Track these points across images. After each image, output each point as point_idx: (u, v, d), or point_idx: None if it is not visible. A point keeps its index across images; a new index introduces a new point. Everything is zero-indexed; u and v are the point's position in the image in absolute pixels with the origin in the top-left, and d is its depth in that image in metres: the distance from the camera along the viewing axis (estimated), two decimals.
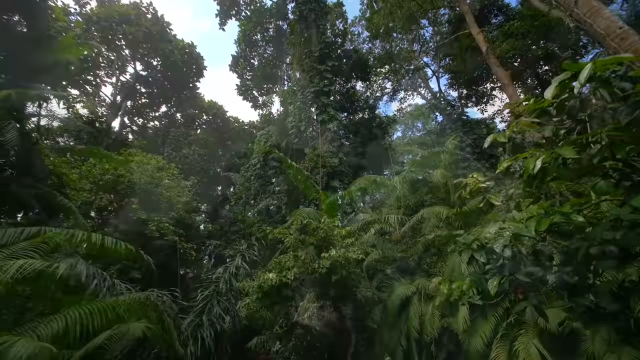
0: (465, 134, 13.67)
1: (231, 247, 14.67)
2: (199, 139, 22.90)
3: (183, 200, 15.23)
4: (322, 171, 11.69)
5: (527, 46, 15.72)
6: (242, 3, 23.46)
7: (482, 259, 2.50)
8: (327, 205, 7.75)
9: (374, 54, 27.26)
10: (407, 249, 8.45)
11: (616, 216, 2.27)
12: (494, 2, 19.13)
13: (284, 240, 6.00)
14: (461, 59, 17.51)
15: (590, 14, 4.11)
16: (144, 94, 26.10)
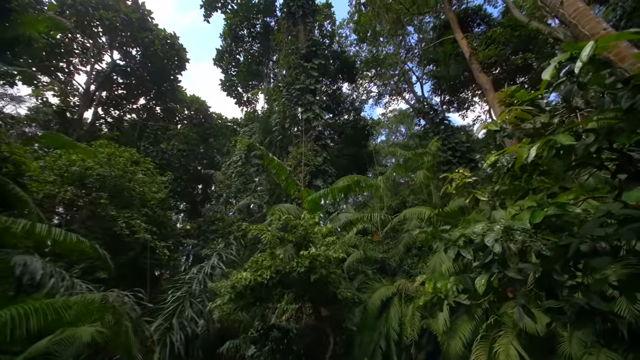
0: (447, 138, 13.87)
1: (209, 247, 14.06)
2: (179, 134, 21.97)
3: (158, 197, 14.46)
4: (305, 169, 11.43)
5: (507, 55, 16.32)
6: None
7: (469, 256, 2.34)
8: (309, 202, 7.49)
9: (361, 58, 27.46)
10: (389, 250, 8.35)
11: (607, 211, 2.18)
12: (476, 11, 19.80)
13: (261, 237, 5.66)
14: (445, 65, 17.90)
15: (575, 14, 4.13)
16: (121, 85, 24.80)
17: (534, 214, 1.81)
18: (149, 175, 14.33)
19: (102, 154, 12.82)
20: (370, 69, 27.69)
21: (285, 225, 6.28)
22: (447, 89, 20.33)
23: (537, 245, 2.34)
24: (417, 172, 8.96)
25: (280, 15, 22.27)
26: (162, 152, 19.91)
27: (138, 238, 12.24)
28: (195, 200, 26.48)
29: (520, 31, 15.77)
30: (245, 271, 5.25)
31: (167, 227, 15.01)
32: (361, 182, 8.49)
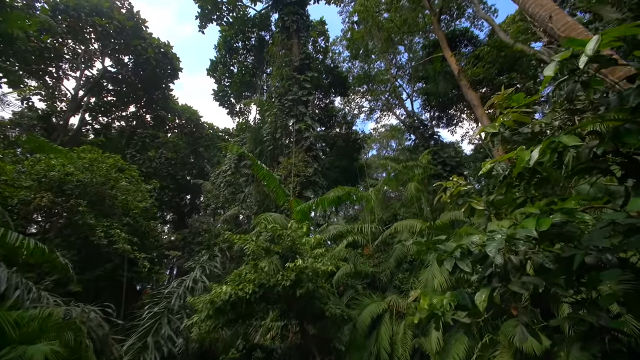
0: (437, 152, 13.98)
1: (193, 260, 13.45)
2: (168, 142, 21.54)
3: (142, 206, 13.89)
4: (296, 180, 11.20)
5: (493, 74, 16.92)
6: (224, 9, 23.18)
7: (467, 269, 2.15)
8: (298, 212, 7.22)
9: (353, 73, 28.05)
10: (379, 264, 8.08)
11: (611, 221, 2.04)
12: (464, 33, 20.65)
13: (244, 247, 5.33)
14: (434, 82, 18.36)
15: (564, 28, 4.18)
16: (111, 91, 24.44)
17: (539, 221, 1.64)
18: (134, 183, 13.80)
19: (84, 159, 12.33)
20: (362, 85, 28.29)
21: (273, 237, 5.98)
22: (437, 105, 20.80)
23: (539, 257, 2.18)
24: (408, 184, 8.87)
25: (275, 29, 22.68)
26: (149, 160, 19.39)
27: (117, 249, 11.60)
28: (183, 211, 25.72)
29: (506, 52, 16.44)
30: (225, 285, 4.88)
31: (149, 238, 14.35)
32: (352, 194, 8.32)
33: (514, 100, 2.25)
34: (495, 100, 2.38)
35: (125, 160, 17.22)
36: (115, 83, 23.92)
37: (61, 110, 23.43)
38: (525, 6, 5.03)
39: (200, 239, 16.13)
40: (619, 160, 1.79)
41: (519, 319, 2.13)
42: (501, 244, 1.75)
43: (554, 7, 4.53)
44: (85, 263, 12.55)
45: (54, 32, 19.74)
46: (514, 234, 1.78)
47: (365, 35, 21.42)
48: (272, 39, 23.49)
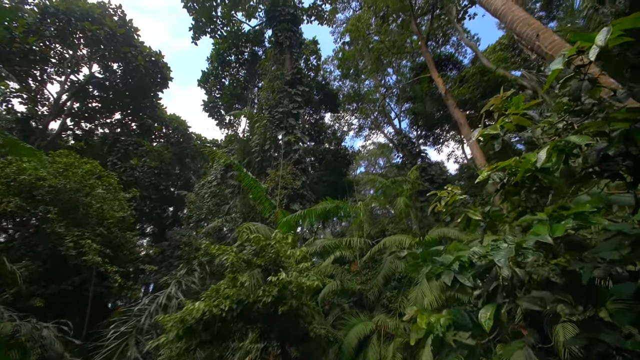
0: (425, 169, 14.11)
1: (170, 274, 12.65)
2: (153, 151, 20.90)
3: (118, 215, 13.12)
4: (283, 193, 10.91)
5: (477, 97, 17.62)
6: (219, 23, 23.48)
7: (467, 283, 1.93)
8: (284, 224, 6.89)
9: (343, 92, 28.66)
10: (367, 281, 7.76)
11: (618, 231, 1.90)
12: (449, 57, 21.68)
13: (223, 259, 4.92)
14: (421, 101, 18.90)
15: (552, 46, 4.27)
16: (97, 97, 23.82)
17: (553, 227, 1.46)
18: (111, 191, 13.10)
19: (59, 163, 11.65)
20: (352, 103, 28.89)
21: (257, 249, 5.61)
22: (424, 124, 21.34)
23: (544, 271, 1.99)
24: (397, 199, 8.76)
25: (269, 45, 23.06)
26: (130, 169, 18.66)
27: (86, 261, 10.76)
28: (164, 224, 24.65)
29: (489, 76, 17.25)
30: (199, 301, 4.43)
31: (124, 251, 13.48)
32: (341, 207, 8.09)
33: (513, 103, 2.14)
34: (494, 103, 2.26)
35: (105, 167, 16.49)
36: (102, 89, 23.37)
37: (42, 114, 22.60)
38: (512, 25, 5.17)
39: (180, 253, 15.32)
40: (629, 163, 1.66)
41: (525, 340, 1.91)
42: (511, 253, 1.55)
43: (541, 26, 4.67)
44: (51, 275, 11.58)
45: (42, 34, 19.32)
46: (522, 242, 1.59)
47: (356, 54, 22.09)
48: (265, 54, 23.82)
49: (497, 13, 5.66)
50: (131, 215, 14.55)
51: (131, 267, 15.53)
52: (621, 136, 1.54)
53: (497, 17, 5.73)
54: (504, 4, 5.54)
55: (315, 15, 27.18)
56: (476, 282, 2.16)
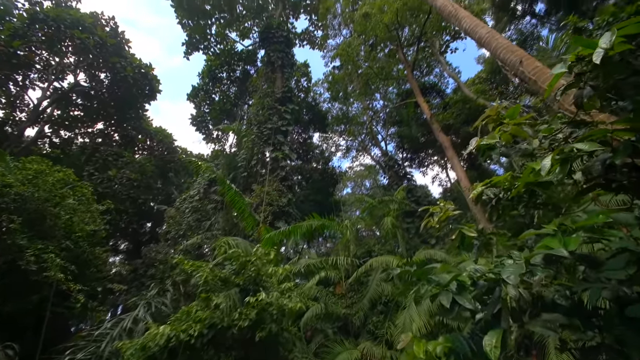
0: (411, 191, 14.20)
1: (140, 295, 11.68)
2: (133, 162, 20.14)
3: (88, 229, 12.23)
4: (268, 209, 10.55)
5: (460, 123, 18.37)
6: (212, 41, 23.85)
7: (468, 305, 1.74)
8: (267, 241, 6.52)
9: (332, 114, 29.28)
10: (352, 305, 7.38)
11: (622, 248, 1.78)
12: (433, 85, 22.83)
13: (196, 275, 4.47)
14: (407, 125, 19.49)
15: (535, 72, 4.42)
16: (80, 106, 23.13)
17: (567, 240, 1.31)
18: (83, 202, 12.29)
19: (28, 170, 10.90)
20: (340, 125, 29.47)
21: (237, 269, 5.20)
22: (410, 147, 21.87)
23: (550, 292, 1.83)
24: (384, 219, 8.62)
25: (261, 64, 23.50)
26: (108, 180, 17.80)
27: (47, 277, 9.79)
28: (140, 240, 23.31)
29: (470, 105, 18.14)
30: (165, 325, 3.94)
31: (91, 268, 12.44)
32: (327, 226, 7.84)
33: (509, 114, 2.07)
34: (489, 114, 2.20)
35: (81, 178, 15.61)
36: (86, 98, 22.77)
37: (19, 120, 21.67)
38: (496, 52, 5.39)
39: (153, 272, 14.33)
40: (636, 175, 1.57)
41: None
42: (521, 269, 1.37)
43: (524, 53, 4.87)
44: (8, 292, 10.44)
45: (28, 39, 18.90)
46: (530, 257, 1.43)
47: (346, 78, 22.82)
48: (256, 72, 24.21)
49: (481, 41, 5.92)
50: (104, 229, 13.62)
51: (99, 287, 14.31)
52: (627, 146, 1.45)
53: (482, 44, 5.99)
54: (488, 32, 5.81)
55: (307, 40, 28.23)
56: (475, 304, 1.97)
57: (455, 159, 11.46)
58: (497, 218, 2.53)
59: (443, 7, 7.38)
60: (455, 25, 7.16)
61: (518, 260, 1.46)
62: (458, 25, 6.91)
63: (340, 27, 25.01)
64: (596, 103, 1.63)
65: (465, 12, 6.74)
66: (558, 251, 1.30)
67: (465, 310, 1.84)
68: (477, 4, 19.98)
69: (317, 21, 26.40)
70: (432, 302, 2.07)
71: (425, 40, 21.31)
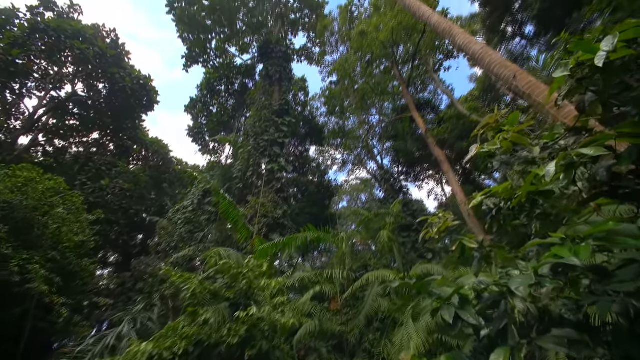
0: (407, 205, 14.15)
1: (126, 310, 11.21)
2: (127, 172, 19.89)
3: (77, 240, 11.87)
4: (263, 221, 10.37)
5: (454, 138, 18.64)
6: (212, 54, 24.24)
7: (472, 320, 1.63)
8: (260, 252, 6.31)
9: (329, 128, 29.59)
10: (348, 322, 7.12)
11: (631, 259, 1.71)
12: (428, 101, 23.30)
13: (184, 288, 4.25)
14: (403, 139, 19.70)
15: (529, 86, 4.49)
16: (76, 115, 23.07)
17: (578, 249, 1.23)
18: (73, 212, 11.99)
19: (18, 177, 10.67)
20: (337, 139, 29.72)
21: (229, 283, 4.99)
22: (405, 161, 22.01)
23: (557, 306, 1.73)
24: (380, 232, 8.50)
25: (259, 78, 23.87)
26: (100, 190, 17.49)
27: (31, 289, 9.38)
28: (130, 253, 22.68)
29: (464, 121, 18.48)
30: (147, 342, 3.70)
31: (76, 280, 11.99)
32: (323, 238, 7.68)
33: (509, 121, 2.04)
34: (488, 122, 2.16)
35: (73, 187, 15.31)
36: (83, 107, 22.75)
37: (14, 128, 21.53)
38: (490, 67, 5.50)
39: (142, 285, 13.85)
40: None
41: None
42: (530, 280, 1.28)
43: (517, 68, 4.97)
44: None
45: (28, 49, 19.03)
46: (538, 267, 1.35)
47: (342, 93, 23.21)
48: (255, 86, 24.54)
49: (475, 56, 6.05)
50: (93, 240, 13.23)
51: (85, 300, 13.74)
52: (632, 151, 1.41)
53: (476, 59, 6.12)
54: (482, 48, 5.95)
55: (305, 56, 28.87)
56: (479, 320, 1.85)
57: (450, 172, 11.51)
58: (498, 229, 2.45)
59: (438, 24, 7.60)
60: (449, 41, 7.34)
61: (525, 271, 1.37)
62: (452, 42, 7.08)
63: (338, 44, 25.69)
64: (598, 109, 1.60)
65: (459, 29, 6.93)
66: (570, 260, 1.22)
67: (467, 326, 1.73)
68: (469, 26, 20.74)
69: (315, 38, 27.10)
70: (433, 318, 1.95)
71: (420, 58, 21.94)
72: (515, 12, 19.77)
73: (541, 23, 18.79)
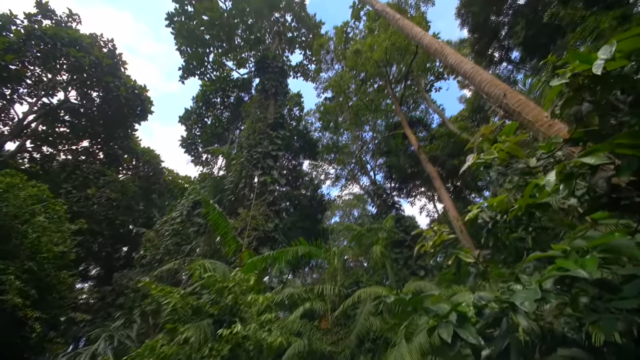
0: (399, 220, 14.09)
1: (104, 326, 10.57)
2: (115, 182, 19.42)
3: (57, 250, 11.32)
4: (253, 234, 10.11)
5: (445, 155, 18.97)
6: (209, 67, 24.52)
7: (472, 339, 1.52)
8: (249, 266, 6.05)
9: (323, 143, 29.84)
10: (338, 341, 6.83)
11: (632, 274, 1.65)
12: (420, 119, 23.86)
13: (163, 302, 3.97)
14: (396, 155, 19.96)
15: (518, 104, 4.58)
16: (66, 122, 22.72)
17: (585, 261, 1.16)
18: (54, 220, 11.51)
19: (1, 183, 10.25)
20: (330, 154, 29.94)
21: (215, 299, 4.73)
22: (398, 177, 22.18)
23: (560, 323, 1.64)
24: (373, 247, 8.35)
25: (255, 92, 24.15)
26: (86, 199, 16.96)
27: (3, 301, 8.79)
28: (113, 266, 21.77)
29: (455, 139, 18.91)
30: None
31: (53, 293, 11.35)
32: (314, 253, 7.49)
33: (505, 131, 2.02)
34: (483, 133, 2.14)
35: (58, 195, 14.80)
36: (74, 115, 22.46)
37: (2, 133, 21.04)
38: (481, 86, 5.63)
39: (123, 301, 13.18)
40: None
41: None
42: (537, 294, 1.20)
43: (507, 87, 5.09)
44: None
45: (22, 54, 18.92)
46: (541, 281, 1.27)
47: (337, 108, 23.60)
48: (250, 99, 24.75)
49: (466, 75, 6.22)
50: (74, 252, 12.64)
51: (62, 315, 12.96)
52: (632, 162, 1.37)
53: (467, 78, 6.28)
54: (472, 67, 6.12)
55: (301, 72, 29.49)
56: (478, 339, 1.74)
57: (442, 188, 11.59)
58: (494, 243, 2.39)
59: (430, 44, 7.85)
60: (441, 61, 7.54)
61: (529, 285, 1.29)
62: (444, 61, 7.29)
63: (333, 62, 26.38)
64: (594, 119, 1.58)
65: (450, 50, 7.16)
66: (577, 272, 1.14)
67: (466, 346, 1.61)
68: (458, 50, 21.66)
69: (311, 56, 27.80)
70: (430, 336, 1.83)
71: (412, 78, 22.65)
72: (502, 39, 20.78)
73: (526, 49, 19.71)
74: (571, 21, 12.30)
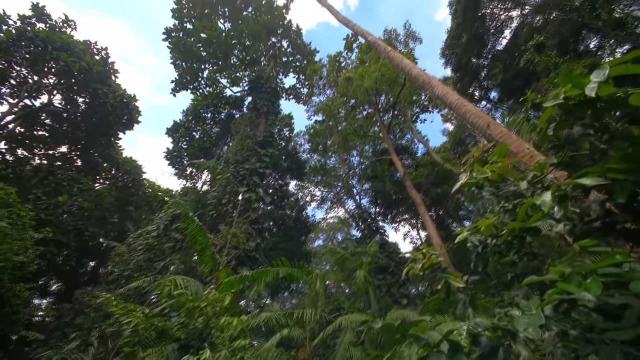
0: (383, 246, 13.97)
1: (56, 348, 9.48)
2: (90, 190, 18.46)
3: (16, 260, 10.35)
4: (233, 252, 9.64)
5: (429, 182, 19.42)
6: (203, 83, 24.70)
7: None
8: (225, 286, 5.62)
9: (310, 164, 30.03)
10: None
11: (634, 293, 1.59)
12: (406, 148, 24.66)
13: (124, 322, 3.54)
14: (382, 180, 20.27)
15: (501, 135, 4.76)
16: (46, 126, 21.84)
17: (588, 284, 1.09)
18: (18, 227, 10.65)
19: None
20: (317, 176, 30.07)
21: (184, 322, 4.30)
22: (383, 202, 22.37)
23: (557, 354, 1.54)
24: (356, 272, 8.11)
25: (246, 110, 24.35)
26: (56, 206, 15.93)
27: None
28: (77, 281, 20.09)
29: (438, 168, 19.53)
30: None
31: (6, 307, 10.23)
32: (296, 275, 7.16)
33: (496, 152, 2.02)
34: (474, 154, 2.14)
35: (26, 200, 13.84)
36: (56, 119, 21.69)
37: None
38: (466, 116, 5.87)
39: (82, 320, 12.00)
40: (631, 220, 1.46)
41: None
42: (540, 320, 1.11)
43: (490, 119, 5.33)
44: None
45: (10, 55, 18.44)
46: (542, 306, 1.18)
47: (326, 132, 24.05)
48: (241, 117, 24.87)
49: (452, 105, 6.49)
50: (36, 263, 11.60)
51: (13, 334, 11.59)
52: (625, 186, 1.36)
53: (452, 109, 6.55)
54: (458, 99, 6.42)
55: (293, 95, 30.21)
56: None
57: (426, 215, 11.70)
58: (483, 268, 2.31)
59: (418, 76, 8.23)
60: (428, 92, 7.87)
61: (528, 310, 1.20)
62: (431, 92, 7.62)
63: (325, 88, 27.26)
64: (585, 143, 1.59)
65: (437, 81, 7.52)
66: (582, 296, 1.07)
67: None
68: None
69: (304, 80, 28.67)
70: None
71: (399, 108, 23.64)
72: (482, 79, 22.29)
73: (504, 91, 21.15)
74: (545, 67, 13.38)
